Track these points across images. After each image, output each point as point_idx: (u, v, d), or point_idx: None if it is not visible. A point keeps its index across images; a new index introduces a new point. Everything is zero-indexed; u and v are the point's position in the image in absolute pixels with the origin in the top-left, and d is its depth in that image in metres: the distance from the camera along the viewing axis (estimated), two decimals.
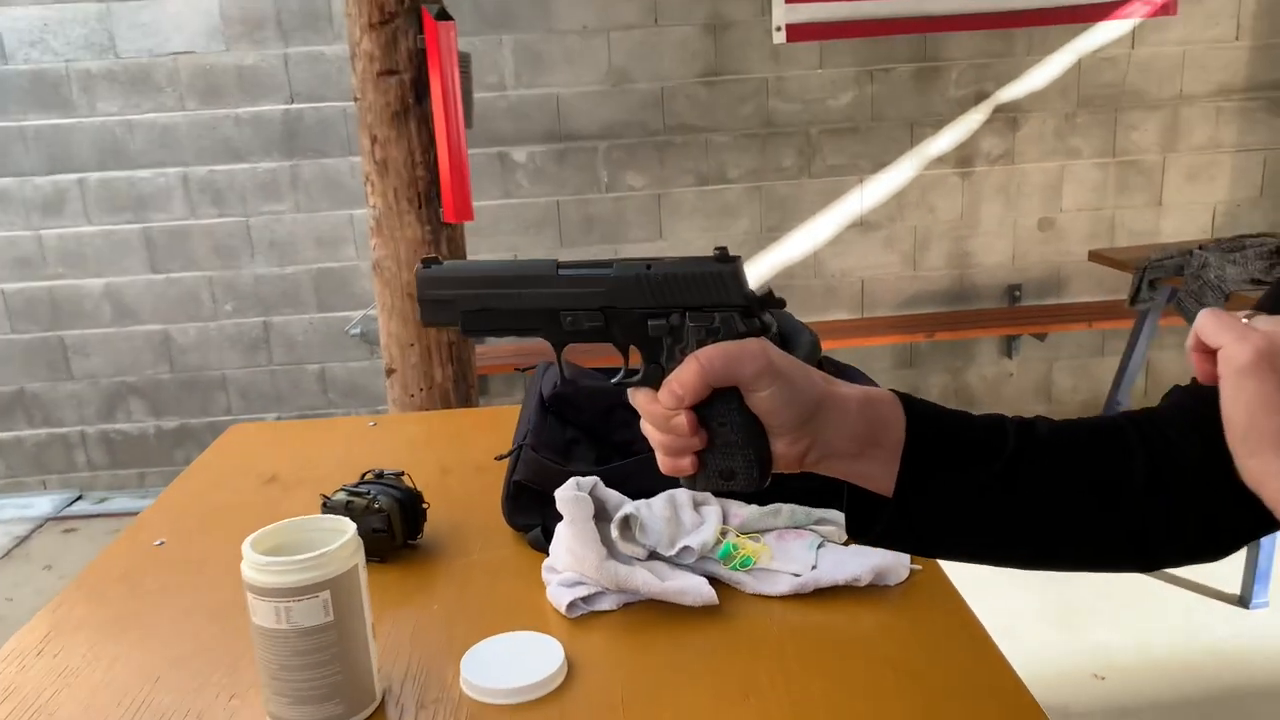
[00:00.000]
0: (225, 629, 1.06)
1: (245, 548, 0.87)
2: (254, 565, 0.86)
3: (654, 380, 0.72)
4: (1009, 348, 4.15)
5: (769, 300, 0.74)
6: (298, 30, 3.75)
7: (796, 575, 1.10)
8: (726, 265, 0.72)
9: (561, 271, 0.74)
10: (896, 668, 0.93)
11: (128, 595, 1.17)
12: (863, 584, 1.08)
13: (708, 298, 0.72)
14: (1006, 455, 0.71)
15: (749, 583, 1.10)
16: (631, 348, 0.74)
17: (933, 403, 0.73)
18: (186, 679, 0.98)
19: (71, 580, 1.21)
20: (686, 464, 0.70)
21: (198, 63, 3.78)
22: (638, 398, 0.72)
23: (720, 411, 0.70)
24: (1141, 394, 4.12)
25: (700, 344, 0.70)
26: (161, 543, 1.30)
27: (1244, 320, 0.54)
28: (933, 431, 0.71)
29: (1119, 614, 2.78)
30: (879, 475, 0.71)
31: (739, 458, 0.71)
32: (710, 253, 0.73)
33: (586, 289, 0.73)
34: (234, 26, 3.75)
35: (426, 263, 0.75)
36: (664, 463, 0.71)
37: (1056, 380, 4.22)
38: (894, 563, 1.10)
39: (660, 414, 0.70)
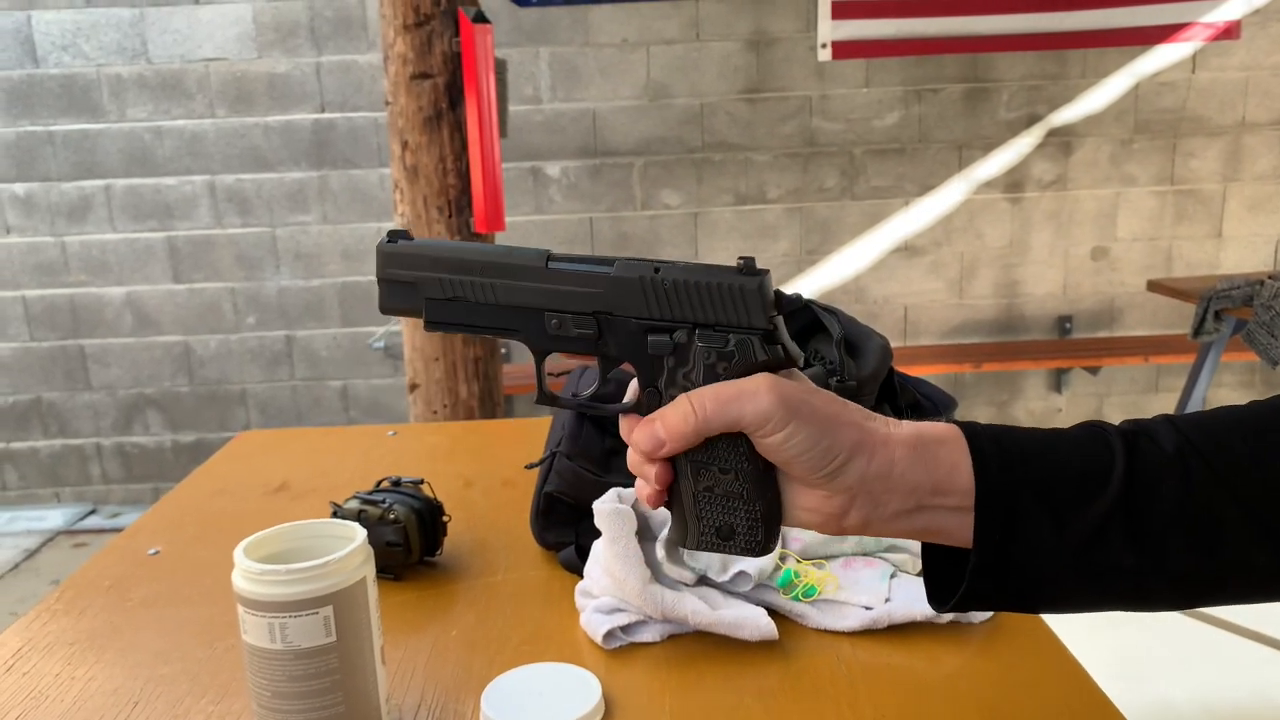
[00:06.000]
0: (216, 649, 0.97)
1: (238, 554, 0.76)
2: (246, 574, 0.75)
3: (650, 408, 0.62)
4: (1058, 381, 4.01)
5: (781, 298, 0.62)
6: (331, 38, 3.69)
7: (868, 608, 0.99)
8: (751, 278, 0.60)
9: (552, 265, 0.63)
10: (988, 715, 0.83)
11: (112, 608, 1.07)
12: (944, 620, 0.96)
13: (724, 315, 0.61)
14: (1115, 483, 0.56)
15: (813, 615, 0.99)
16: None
17: (1011, 428, 0.60)
18: (168, 704, 0.90)
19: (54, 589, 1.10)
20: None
21: (229, 70, 3.73)
22: (625, 426, 0.62)
23: (724, 454, 0.59)
24: None
25: (709, 369, 0.61)
26: (156, 551, 1.21)
27: None
28: (1010, 471, 0.57)
29: (1182, 665, 2.63)
30: (953, 527, 0.58)
31: (741, 514, 0.60)
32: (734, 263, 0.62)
33: (578, 288, 0.62)
34: (267, 34, 3.70)
35: (392, 236, 0.65)
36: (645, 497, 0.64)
37: (1107, 416, 4.01)
38: None
39: (635, 460, 0.62)
